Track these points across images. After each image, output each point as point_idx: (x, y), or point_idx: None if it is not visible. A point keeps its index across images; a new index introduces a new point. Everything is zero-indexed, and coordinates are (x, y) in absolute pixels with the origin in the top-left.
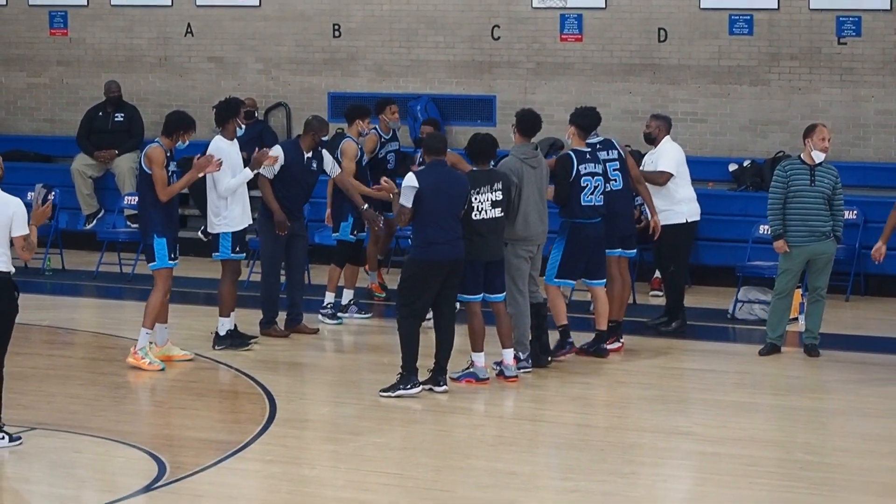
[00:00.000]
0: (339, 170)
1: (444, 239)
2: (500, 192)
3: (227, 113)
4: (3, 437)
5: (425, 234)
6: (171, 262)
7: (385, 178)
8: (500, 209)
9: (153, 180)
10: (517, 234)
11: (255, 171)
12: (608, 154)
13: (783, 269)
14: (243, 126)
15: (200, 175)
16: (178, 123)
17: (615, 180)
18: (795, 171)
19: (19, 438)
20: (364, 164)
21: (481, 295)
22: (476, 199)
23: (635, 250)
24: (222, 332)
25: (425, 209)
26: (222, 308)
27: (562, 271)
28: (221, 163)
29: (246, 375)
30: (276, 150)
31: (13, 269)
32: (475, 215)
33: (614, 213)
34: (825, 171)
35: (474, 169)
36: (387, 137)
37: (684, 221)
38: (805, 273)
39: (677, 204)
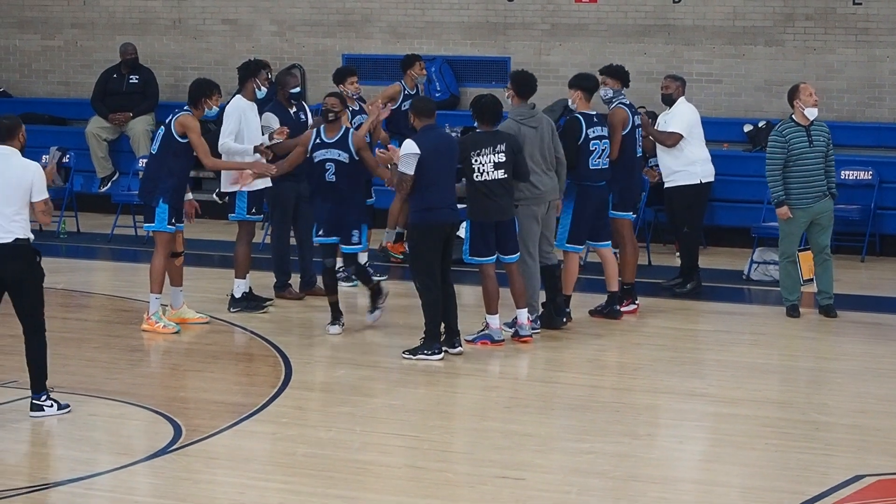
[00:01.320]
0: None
1: (443, 203)
2: (504, 154)
3: (246, 73)
4: (51, 405)
5: (425, 199)
6: (170, 227)
7: (386, 148)
8: (503, 171)
9: (193, 147)
10: (523, 195)
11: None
12: (638, 120)
13: (786, 233)
14: (263, 88)
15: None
16: (199, 90)
17: (640, 146)
18: (793, 133)
19: (67, 406)
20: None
21: (494, 256)
22: (476, 160)
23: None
24: (238, 295)
25: (425, 174)
26: (237, 270)
27: (572, 236)
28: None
29: (261, 338)
30: (268, 118)
31: (32, 236)
32: (476, 177)
33: (634, 179)
34: (819, 130)
35: (478, 130)
36: (411, 93)
37: (698, 182)
38: (807, 235)
39: (691, 164)
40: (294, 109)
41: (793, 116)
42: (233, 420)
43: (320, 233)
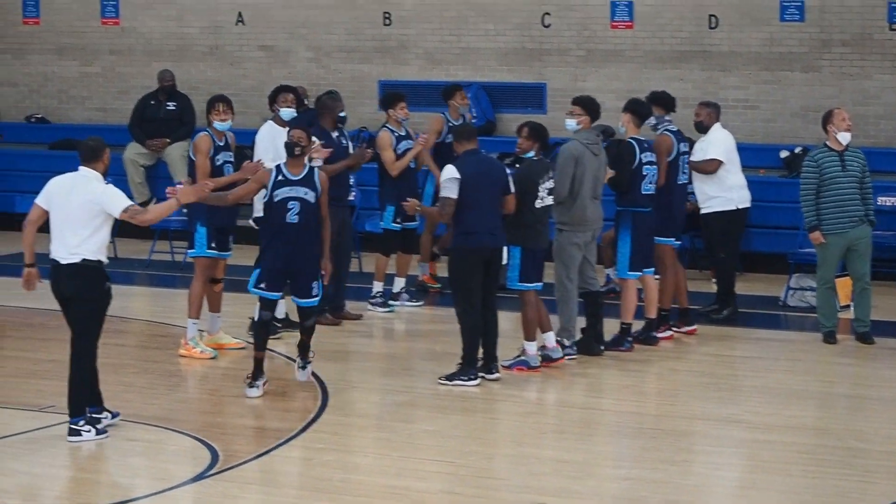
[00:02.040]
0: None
1: (484, 228)
2: (552, 181)
3: (271, 99)
4: (89, 430)
5: (466, 223)
6: (209, 251)
7: (410, 200)
8: (552, 197)
9: (195, 169)
10: (574, 220)
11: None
12: (685, 146)
13: (823, 259)
14: (282, 110)
15: (243, 177)
16: (207, 107)
17: (685, 173)
18: (826, 158)
19: (106, 432)
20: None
21: (541, 283)
22: (540, 187)
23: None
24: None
25: (466, 198)
26: None
27: (632, 263)
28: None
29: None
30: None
31: (105, 259)
32: (538, 203)
33: (676, 205)
34: (854, 156)
35: (534, 159)
36: (455, 123)
37: (734, 208)
38: (844, 262)
39: (727, 191)
40: (336, 133)
41: (826, 142)
42: (270, 445)
43: (262, 285)
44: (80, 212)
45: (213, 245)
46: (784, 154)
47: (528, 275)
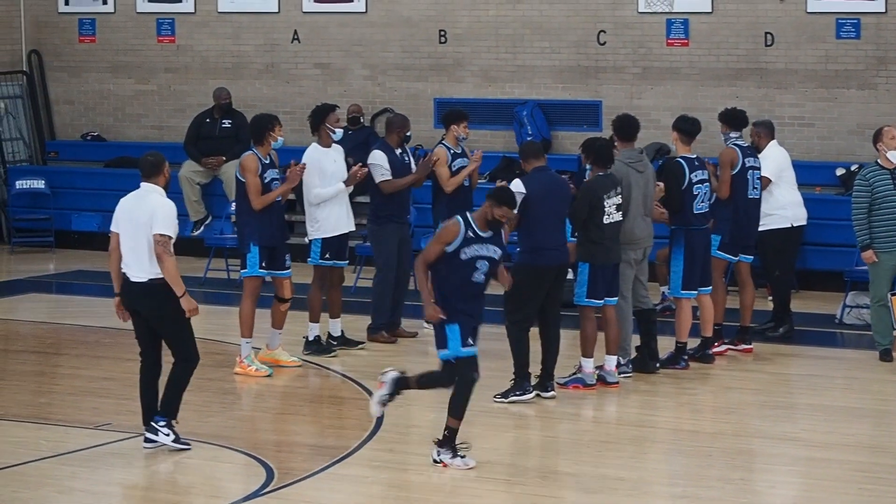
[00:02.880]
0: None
1: (552, 244)
2: (620, 196)
3: (317, 120)
4: (168, 435)
5: (534, 240)
6: (261, 271)
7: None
8: (621, 213)
9: (246, 188)
10: (624, 238)
11: (350, 186)
12: (754, 161)
13: (874, 276)
14: (336, 131)
15: (293, 185)
16: (260, 126)
17: (756, 188)
18: (877, 177)
19: (188, 445)
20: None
21: (603, 300)
22: (606, 203)
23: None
24: (311, 338)
25: (533, 215)
26: (310, 314)
27: (685, 282)
28: (304, 167)
29: (353, 381)
30: (377, 156)
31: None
32: (606, 219)
33: (744, 220)
34: None
35: (598, 174)
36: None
37: (789, 226)
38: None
39: (782, 208)
40: (399, 150)
41: (878, 160)
42: (325, 463)
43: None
44: (140, 228)
45: (264, 264)
46: (840, 172)
47: (596, 291)
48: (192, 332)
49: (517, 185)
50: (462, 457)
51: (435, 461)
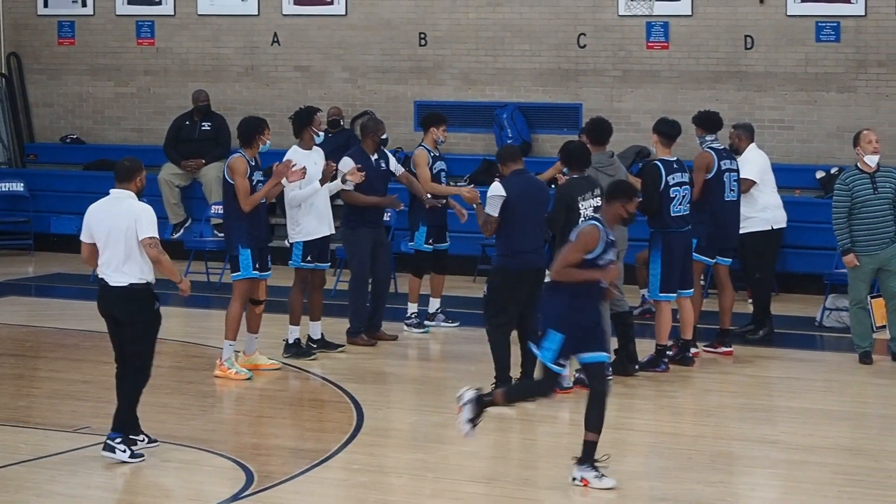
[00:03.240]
0: (403, 170)
1: (530, 248)
2: (599, 199)
3: (301, 122)
4: (124, 451)
5: (512, 243)
6: (254, 272)
7: (469, 187)
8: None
9: (236, 190)
10: None
11: (324, 184)
12: (731, 164)
13: (853, 279)
14: (319, 133)
15: (281, 181)
16: (250, 129)
17: (734, 191)
18: (856, 180)
19: (142, 457)
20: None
21: None
22: (581, 205)
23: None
24: (290, 340)
25: (512, 218)
26: (291, 316)
27: (663, 285)
28: (304, 171)
29: (332, 384)
30: (346, 163)
31: (152, 279)
32: (582, 222)
33: (721, 223)
34: (886, 176)
35: (574, 176)
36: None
37: (770, 228)
38: (878, 281)
39: (762, 211)
40: (375, 156)
41: (857, 164)
42: (305, 466)
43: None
44: (118, 234)
45: (258, 266)
46: (820, 174)
47: None
48: (154, 348)
49: (496, 188)
50: (601, 476)
51: (574, 479)
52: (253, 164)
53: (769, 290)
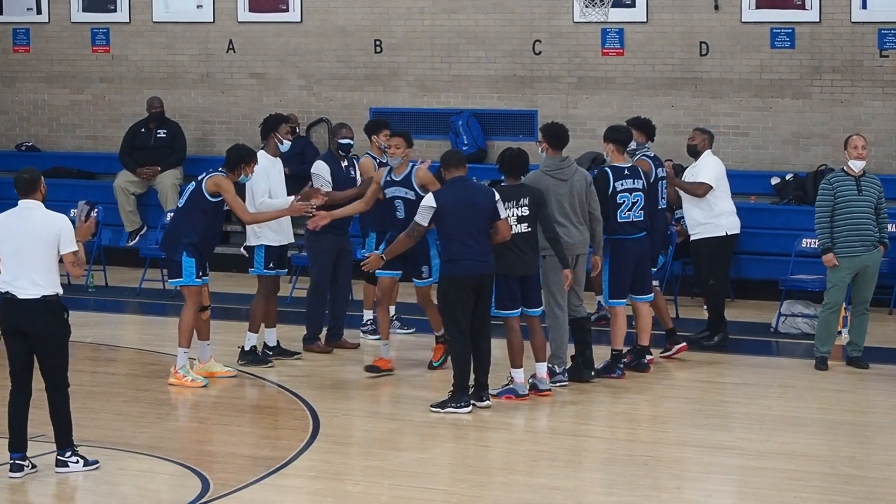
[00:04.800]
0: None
1: (468, 255)
2: (527, 208)
3: (266, 128)
4: (77, 461)
5: (450, 251)
6: (198, 279)
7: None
8: (526, 224)
9: (231, 207)
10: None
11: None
12: (661, 172)
13: (833, 283)
14: (284, 141)
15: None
16: (240, 157)
17: (664, 198)
18: (841, 182)
19: (96, 462)
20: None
21: (519, 310)
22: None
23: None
24: (247, 347)
25: (447, 226)
26: (251, 323)
27: (613, 290)
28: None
29: (289, 391)
30: (319, 166)
31: (61, 291)
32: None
33: (656, 230)
34: (870, 181)
35: (503, 184)
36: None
37: (724, 234)
38: (850, 285)
39: (717, 217)
40: (345, 163)
41: (844, 167)
42: (261, 474)
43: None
44: (37, 243)
45: (201, 273)
46: (775, 181)
47: (504, 301)
48: (68, 358)
49: (428, 200)
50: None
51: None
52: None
53: (723, 296)
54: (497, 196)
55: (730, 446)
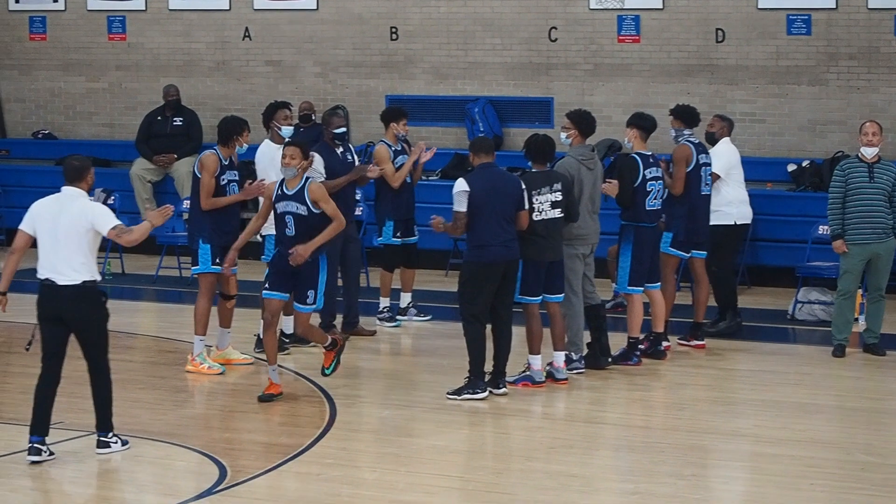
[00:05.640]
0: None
1: (496, 241)
2: (560, 193)
3: (265, 117)
4: (116, 442)
5: (478, 237)
6: (214, 267)
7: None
8: (559, 210)
9: (200, 186)
10: (571, 234)
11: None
12: (706, 158)
13: (845, 270)
14: (282, 128)
15: (247, 198)
16: (231, 128)
17: (708, 185)
18: (853, 168)
19: (128, 442)
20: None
21: (541, 297)
22: (536, 199)
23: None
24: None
25: (477, 212)
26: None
27: (633, 278)
28: (261, 186)
29: (305, 379)
30: (315, 160)
31: (99, 277)
32: (535, 216)
33: (700, 216)
34: (884, 169)
35: (533, 170)
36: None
37: (732, 223)
38: (864, 272)
39: (726, 205)
40: (341, 150)
41: (858, 154)
42: (278, 461)
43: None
44: (71, 232)
45: (218, 261)
46: (791, 167)
47: (530, 288)
48: (108, 343)
49: (461, 184)
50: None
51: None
52: (226, 163)
53: (731, 283)
54: (523, 185)
55: (746, 433)
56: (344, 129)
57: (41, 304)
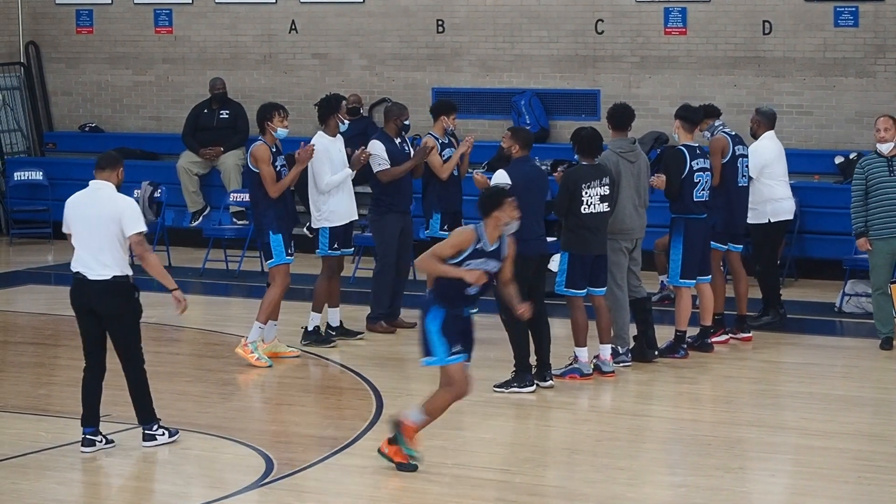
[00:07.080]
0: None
1: (532, 234)
2: (608, 187)
3: (328, 109)
4: (163, 433)
5: (519, 230)
6: (288, 257)
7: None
8: (607, 204)
9: (262, 178)
10: (614, 228)
11: (355, 170)
12: (744, 149)
13: (873, 265)
14: (346, 122)
15: (303, 167)
16: (261, 117)
17: (745, 176)
18: (873, 164)
19: (177, 432)
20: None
21: (586, 290)
22: (586, 192)
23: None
24: (310, 328)
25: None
26: (314, 303)
27: (683, 271)
28: (312, 148)
29: (352, 371)
30: (374, 146)
31: (130, 272)
32: (584, 209)
33: (734, 209)
34: None
35: (582, 163)
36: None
37: (766, 221)
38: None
39: (761, 203)
40: (399, 140)
41: (875, 149)
42: (324, 454)
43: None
44: (99, 224)
45: (290, 251)
46: (839, 160)
47: (575, 281)
48: (140, 336)
49: (502, 176)
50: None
51: None
52: (274, 150)
53: (775, 279)
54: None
55: (793, 426)
56: (409, 122)
57: (74, 296)
